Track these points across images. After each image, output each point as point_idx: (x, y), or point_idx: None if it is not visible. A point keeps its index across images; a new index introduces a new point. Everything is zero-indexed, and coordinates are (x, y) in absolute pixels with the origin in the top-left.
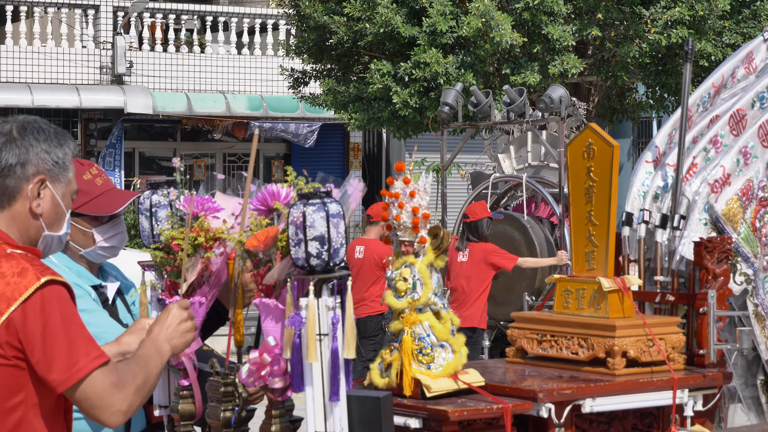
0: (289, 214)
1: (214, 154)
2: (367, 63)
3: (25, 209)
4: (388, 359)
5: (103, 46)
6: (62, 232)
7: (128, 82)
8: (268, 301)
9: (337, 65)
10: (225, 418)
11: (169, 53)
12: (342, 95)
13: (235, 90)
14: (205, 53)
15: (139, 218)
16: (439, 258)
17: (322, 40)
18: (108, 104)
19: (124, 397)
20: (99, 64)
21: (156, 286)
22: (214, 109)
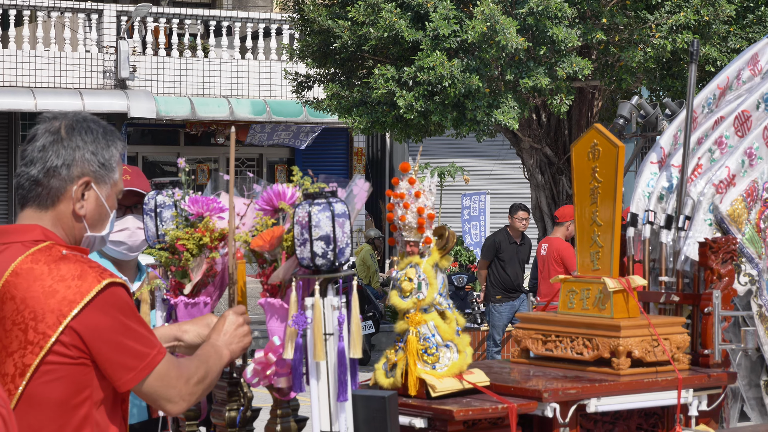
0: (294, 214)
1: (217, 158)
2: (371, 67)
3: (69, 210)
4: (393, 359)
5: (106, 51)
6: (105, 232)
7: (131, 87)
8: (274, 300)
9: (341, 69)
10: (230, 418)
11: (173, 57)
12: (346, 100)
13: (239, 94)
14: (209, 58)
15: (144, 218)
16: (444, 258)
17: (325, 44)
18: (111, 108)
19: (186, 387)
20: (102, 69)
21: (161, 286)
22: (218, 113)
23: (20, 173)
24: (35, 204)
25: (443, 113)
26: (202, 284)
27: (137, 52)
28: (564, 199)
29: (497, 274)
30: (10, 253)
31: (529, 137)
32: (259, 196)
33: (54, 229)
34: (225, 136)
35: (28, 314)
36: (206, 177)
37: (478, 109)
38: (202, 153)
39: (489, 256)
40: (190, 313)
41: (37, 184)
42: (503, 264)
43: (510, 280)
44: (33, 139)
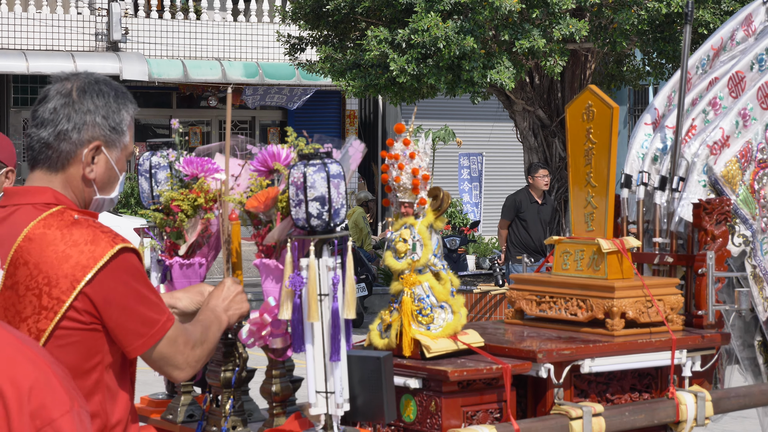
0: (289, 175)
1: (209, 121)
2: (364, 30)
3: (79, 173)
4: (387, 320)
5: (98, 13)
6: (114, 194)
7: (124, 49)
8: (269, 261)
9: (334, 32)
10: (225, 379)
11: (165, 20)
12: (339, 62)
13: (231, 57)
14: (201, 20)
15: (139, 179)
16: (439, 219)
17: (318, 6)
18: (103, 71)
19: (192, 353)
20: (94, 31)
21: (156, 248)
22: (210, 76)
23: (31, 134)
24: (45, 166)
25: (438, 75)
26: (197, 245)
27: (129, 15)
28: (557, 162)
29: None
30: (22, 217)
31: (522, 99)
32: (254, 157)
33: (64, 192)
34: (218, 98)
35: (42, 279)
36: (199, 140)
37: (474, 69)
38: (194, 115)
39: (510, 216)
40: (185, 274)
41: (48, 147)
42: (525, 224)
43: (532, 241)
44: (44, 99)
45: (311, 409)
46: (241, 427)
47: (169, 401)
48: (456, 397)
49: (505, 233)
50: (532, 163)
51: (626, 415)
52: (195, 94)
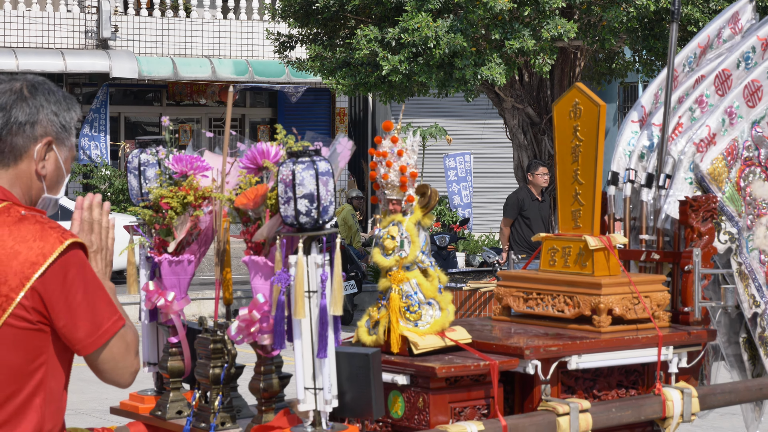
0: (278, 173)
1: (200, 118)
2: (354, 28)
3: (30, 169)
4: (375, 316)
5: (88, 11)
6: (60, 195)
7: (113, 47)
8: (258, 258)
9: (323, 29)
10: (214, 375)
11: (155, 17)
12: (329, 61)
13: (221, 54)
14: (191, 17)
15: (128, 176)
16: (427, 216)
17: (307, 3)
18: (93, 69)
19: (135, 357)
20: (84, 29)
21: (144, 245)
22: (200, 73)
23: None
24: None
25: (429, 74)
26: (186, 242)
27: (119, 12)
28: (546, 159)
29: (522, 233)
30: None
31: (511, 97)
32: (243, 154)
33: (11, 189)
34: (207, 96)
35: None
36: (188, 137)
37: (466, 67)
38: (184, 113)
39: (513, 214)
40: (174, 270)
41: (0, 142)
42: (528, 222)
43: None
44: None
45: (300, 405)
46: (230, 424)
47: (157, 398)
48: (444, 393)
49: (508, 232)
50: (532, 161)
51: (613, 411)
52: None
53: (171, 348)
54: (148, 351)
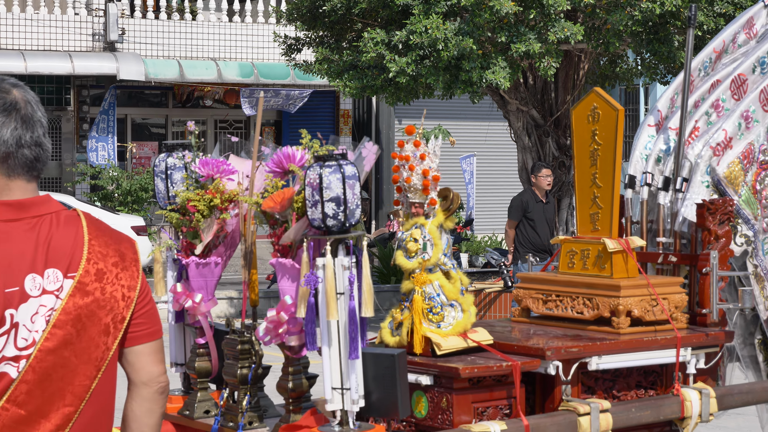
0: (305, 176)
1: (205, 120)
2: (360, 31)
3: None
4: (398, 318)
5: (95, 14)
6: None
7: (120, 49)
8: (285, 260)
9: (330, 32)
10: (242, 375)
11: (161, 20)
12: (336, 64)
13: (227, 57)
14: (197, 20)
15: (155, 180)
16: (449, 219)
17: (314, 7)
18: (100, 71)
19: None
20: (91, 31)
21: (172, 247)
22: (206, 76)
23: (39, 142)
24: (36, 174)
25: (436, 76)
26: (213, 245)
27: (126, 15)
28: (550, 161)
29: (527, 235)
30: (59, 227)
31: (516, 100)
32: (269, 158)
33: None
34: (213, 98)
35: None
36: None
37: (473, 70)
38: (190, 115)
39: (517, 216)
40: (201, 272)
41: (47, 155)
42: (532, 224)
43: (540, 240)
44: (32, 106)
45: (327, 405)
46: (258, 423)
47: (185, 397)
48: (467, 393)
49: (513, 233)
50: (535, 162)
51: (633, 412)
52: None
53: (198, 349)
54: (175, 352)
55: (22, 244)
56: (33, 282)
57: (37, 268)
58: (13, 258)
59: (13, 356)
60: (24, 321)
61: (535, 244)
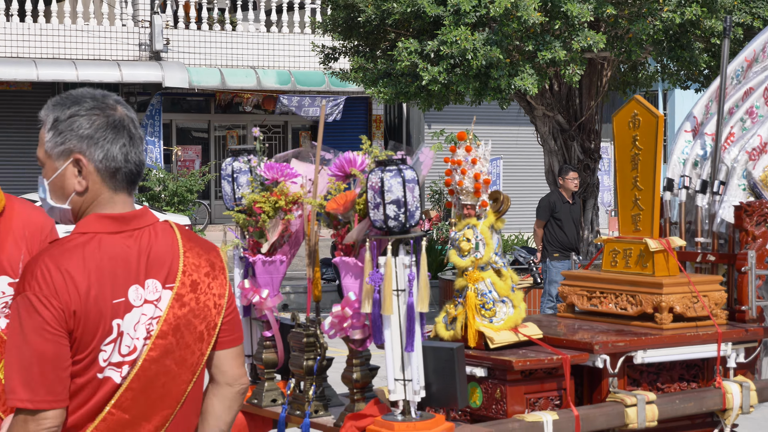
0: (367, 180)
1: (245, 125)
2: (394, 40)
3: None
4: (453, 313)
5: (141, 25)
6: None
7: (165, 58)
8: (348, 259)
9: (365, 42)
10: (308, 366)
11: (203, 31)
12: (370, 71)
13: (265, 65)
14: (237, 31)
15: (222, 183)
16: (499, 220)
17: (350, 18)
18: (147, 79)
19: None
20: (138, 42)
21: (239, 246)
22: (246, 83)
23: (141, 159)
24: (136, 189)
25: (466, 83)
26: (279, 244)
27: (170, 26)
28: (575, 164)
29: (554, 233)
30: (157, 239)
31: (542, 105)
32: (331, 163)
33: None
34: (252, 104)
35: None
36: (235, 142)
37: (501, 77)
38: (230, 120)
39: (545, 216)
40: (267, 270)
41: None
42: (560, 223)
43: (567, 239)
44: (135, 123)
45: (390, 395)
46: (323, 411)
47: (252, 387)
48: (519, 385)
49: (541, 232)
50: (563, 165)
51: (677, 403)
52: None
53: (265, 341)
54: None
55: (126, 256)
56: (136, 292)
57: (139, 279)
58: (118, 270)
59: (116, 362)
60: (128, 330)
61: (562, 243)
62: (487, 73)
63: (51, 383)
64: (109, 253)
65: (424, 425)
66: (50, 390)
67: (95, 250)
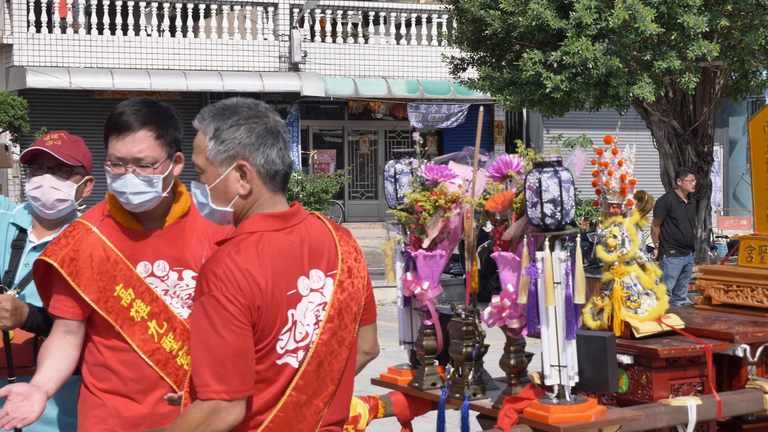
0: (525, 180)
1: (376, 131)
2: (519, 51)
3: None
4: (599, 304)
5: (281, 39)
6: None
7: (303, 69)
8: (506, 254)
9: (491, 53)
10: (467, 353)
11: (338, 44)
12: (497, 80)
13: (395, 75)
14: (369, 43)
15: (384, 183)
16: (643, 218)
17: (478, 31)
18: (286, 88)
19: None
20: (278, 54)
21: (401, 241)
22: (377, 92)
23: (292, 161)
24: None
25: (587, 91)
26: (439, 239)
27: (307, 40)
28: (689, 166)
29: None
30: (313, 231)
31: (658, 111)
32: (487, 165)
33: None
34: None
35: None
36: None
37: (620, 86)
38: (363, 126)
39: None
40: (428, 263)
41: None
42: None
43: (683, 237)
44: (284, 129)
45: (546, 380)
46: (481, 394)
47: (413, 371)
48: (664, 371)
49: (658, 231)
50: (681, 168)
51: None
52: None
53: (426, 329)
54: (404, 331)
55: (291, 250)
56: (303, 283)
57: (304, 271)
58: (287, 263)
59: (293, 349)
60: (300, 318)
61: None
62: (606, 82)
63: (242, 374)
64: (277, 248)
65: (579, 408)
66: (242, 380)
67: (266, 248)
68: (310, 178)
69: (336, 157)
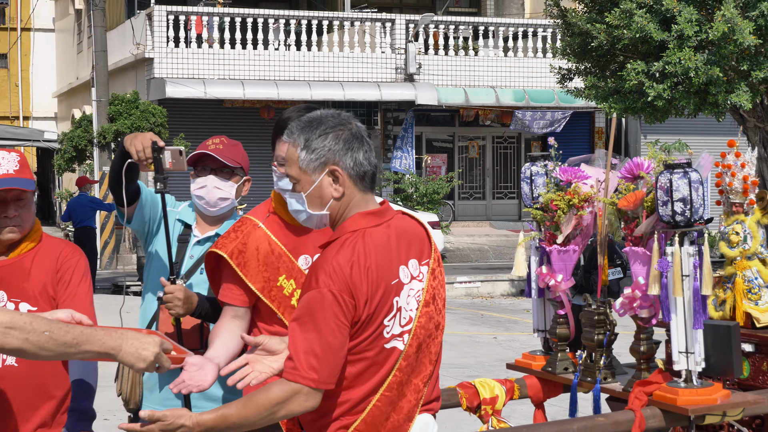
0: (656, 181)
1: (485, 136)
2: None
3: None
4: (722, 296)
5: (398, 52)
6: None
7: (418, 80)
8: (637, 249)
9: (596, 64)
10: (598, 340)
11: (450, 56)
12: (602, 89)
13: (503, 85)
14: (478, 55)
15: (521, 184)
16: (765, 216)
17: (585, 43)
18: (402, 98)
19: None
20: (395, 66)
21: (536, 237)
22: (486, 100)
23: (377, 162)
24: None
25: (688, 99)
26: (572, 236)
27: (422, 52)
28: None
29: None
30: (403, 224)
31: (753, 118)
32: (619, 167)
33: None
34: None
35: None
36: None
37: (719, 94)
38: (472, 132)
39: None
40: (561, 258)
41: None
42: None
43: None
44: (367, 133)
45: (675, 365)
46: (611, 379)
47: (546, 357)
48: None
49: None
50: None
51: None
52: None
53: (559, 318)
54: (538, 320)
55: (389, 243)
56: (403, 272)
57: (402, 260)
58: (390, 255)
59: (398, 333)
60: (403, 304)
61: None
62: (706, 90)
63: (332, 367)
64: (379, 242)
65: (705, 392)
66: (331, 373)
67: (369, 243)
68: (423, 180)
69: (447, 161)
